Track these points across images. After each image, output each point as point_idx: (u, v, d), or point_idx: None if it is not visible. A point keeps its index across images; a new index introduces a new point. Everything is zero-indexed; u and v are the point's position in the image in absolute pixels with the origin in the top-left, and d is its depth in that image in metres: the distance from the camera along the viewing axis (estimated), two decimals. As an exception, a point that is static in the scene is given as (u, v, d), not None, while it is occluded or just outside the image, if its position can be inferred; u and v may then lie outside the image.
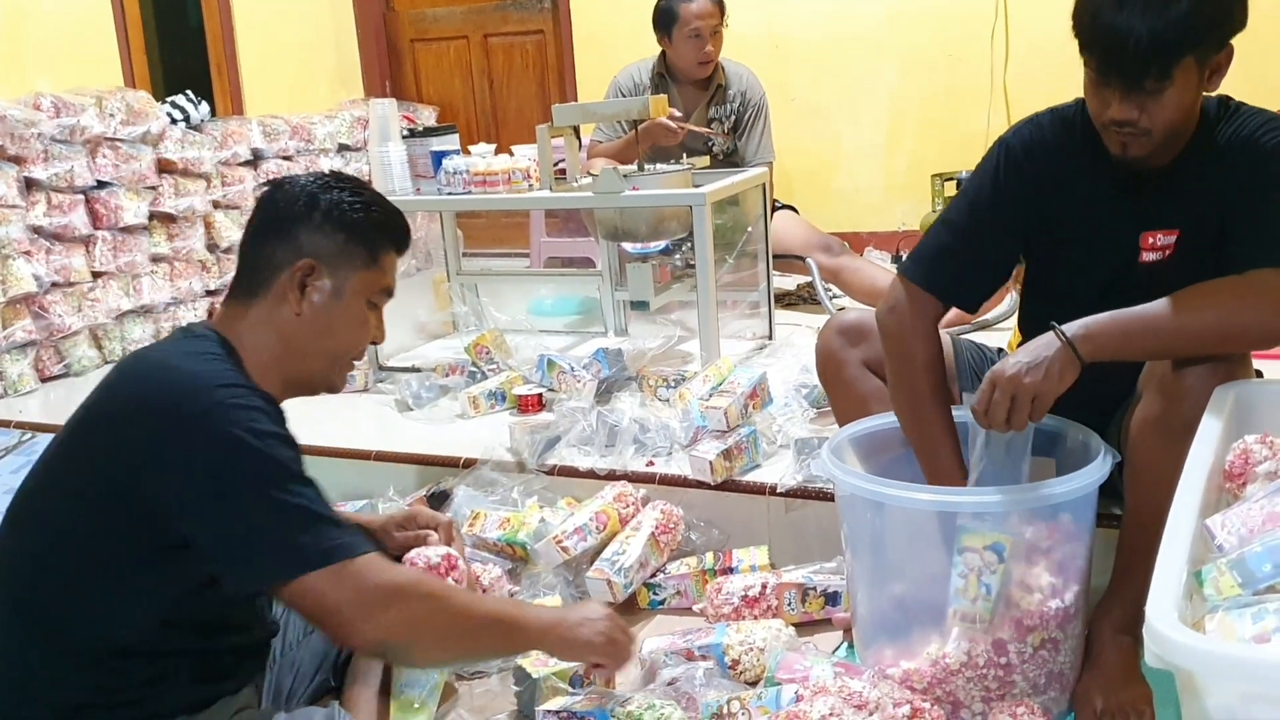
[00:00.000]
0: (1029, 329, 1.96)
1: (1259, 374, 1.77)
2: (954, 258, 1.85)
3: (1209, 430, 1.46)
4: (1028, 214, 1.83)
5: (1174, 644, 1.04)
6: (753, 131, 3.90)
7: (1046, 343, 1.61)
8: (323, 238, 1.58)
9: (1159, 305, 1.61)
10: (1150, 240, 1.77)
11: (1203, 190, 1.72)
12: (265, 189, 1.65)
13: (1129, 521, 1.74)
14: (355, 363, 1.69)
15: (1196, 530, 1.25)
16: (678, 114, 3.56)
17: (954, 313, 1.93)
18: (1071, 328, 1.61)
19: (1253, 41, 1.65)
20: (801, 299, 3.98)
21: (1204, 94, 1.68)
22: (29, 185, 3.62)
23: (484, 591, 2.15)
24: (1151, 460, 1.64)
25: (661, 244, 3.39)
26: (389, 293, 1.67)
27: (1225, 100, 1.74)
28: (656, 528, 2.25)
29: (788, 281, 4.00)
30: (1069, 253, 1.85)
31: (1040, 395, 1.58)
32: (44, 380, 3.69)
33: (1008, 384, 1.58)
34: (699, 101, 3.87)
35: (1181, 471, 1.35)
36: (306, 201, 1.58)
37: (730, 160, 3.87)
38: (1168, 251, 1.77)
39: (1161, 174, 1.74)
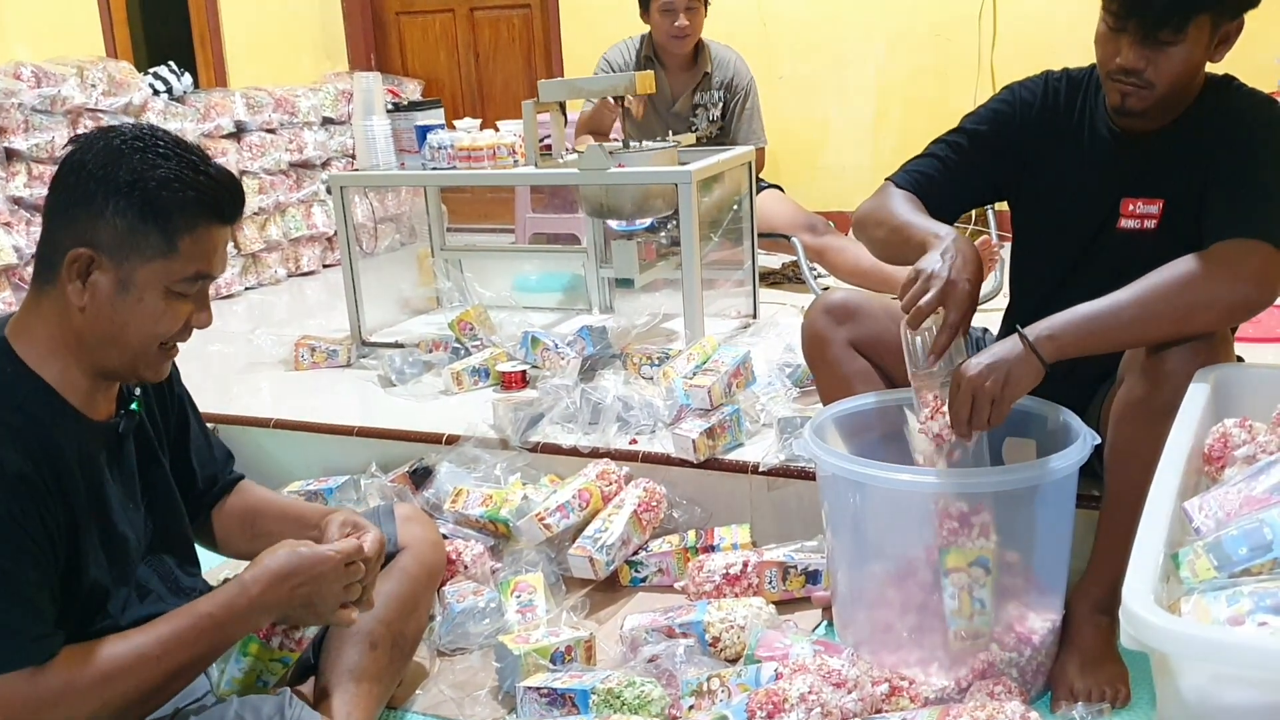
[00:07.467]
0: (1017, 284, 2.03)
1: (1240, 359, 1.78)
2: (938, 169, 1.94)
3: (1189, 414, 1.47)
4: (1016, 153, 1.89)
5: (1149, 626, 1.04)
6: (741, 116, 3.87)
7: (1010, 346, 1.62)
8: (106, 220, 1.35)
9: (1120, 294, 1.62)
10: (1130, 207, 1.79)
11: (1188, 162, 1.74)
12: (67, 150, 1.41)
13: (1108, 503, 1.75)
14: (178, 344, 1.47)
15: (1175, 513, 1.26)
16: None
17: None
18: (1035, 329, 1.62)
19: (1254, 14, 1.66)
20: (786, 278, 3.98)
21: (1207, 67, 1.71)
22: (9, 156, 3.59)
23: (465, 569, 2.15)
24: (1131, 443, 1.65)
25: (647, 221, 3.38)
26: (203, 277, 1.42)
27: (1226, 78, 1.77)
28: (639, 505, 2.25)
29: (773, 260, 4.00)
30: (1052, 207, 1.88)
31: (999, 400, 1.59)
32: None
33: (968, 385, 1.60)
34: (686, 86, 3.83)
35: (1161, 454, 1.36)
36: (98, 174, 1.36)
37: (717, 145, 3.84)
38: (1150, 222, 1.79)
39: (1151, 140, 1.76)
